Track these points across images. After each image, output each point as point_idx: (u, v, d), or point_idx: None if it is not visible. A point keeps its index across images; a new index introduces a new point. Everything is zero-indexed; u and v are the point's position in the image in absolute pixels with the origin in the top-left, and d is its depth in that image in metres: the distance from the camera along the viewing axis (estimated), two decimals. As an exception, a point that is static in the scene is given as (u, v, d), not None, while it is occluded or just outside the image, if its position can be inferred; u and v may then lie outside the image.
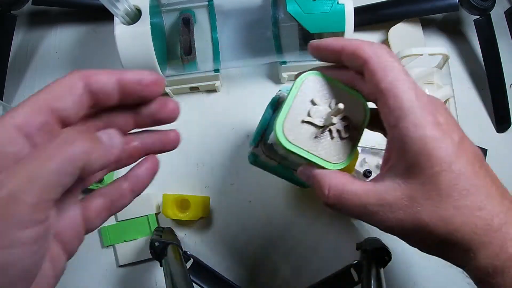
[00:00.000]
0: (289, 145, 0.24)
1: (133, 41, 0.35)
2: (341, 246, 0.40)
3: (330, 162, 0.25)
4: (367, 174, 0.37)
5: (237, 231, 0.40)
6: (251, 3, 0.40)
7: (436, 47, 0.41)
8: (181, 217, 0.38)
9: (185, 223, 0.40)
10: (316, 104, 0.25)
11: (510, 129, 0.44)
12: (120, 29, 0.35)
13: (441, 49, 0.41)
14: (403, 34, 0.46)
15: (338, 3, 0.35)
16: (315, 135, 0.25)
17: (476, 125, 0.45)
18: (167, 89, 0.41)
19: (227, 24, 0.39)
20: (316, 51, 0.26)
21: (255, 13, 0.40)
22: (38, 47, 0.46)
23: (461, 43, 0.48)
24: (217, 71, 0.41)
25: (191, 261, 0.36)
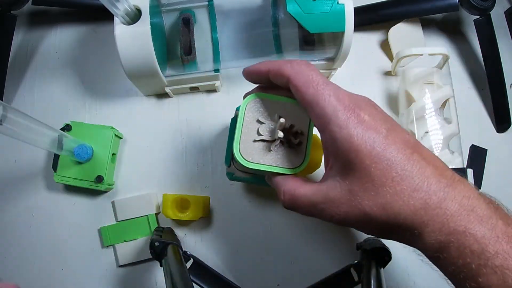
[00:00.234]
0: (249, 164, 0.27)
1: (133, 41, 0.35)
2: (341, 246, 0.40)
3: (288, 168, 0.28)
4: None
5: (237, 231, 0.40)
6: (251, 3, 0.40)
7: (436, 47, 0.41)
8: (181, 217, 0.38)
9: (185, 223, 0.40)
10: (262, 122, 0.28)
11: (510, 129, 0.44)
12: (120, 29, 0.35)
13: (441, 49, 0.41)
14: (403, 34, 0.46)
15: (338, 3, 0.35)
16: (270, 149, 0.28)
17: (476, 125, 0.45)
18: (167, 89, 0.41)
19: (227, 24, 0.39)
20: (248, 75, 0.29)
21: (255, 13, 0.40)
22: (38, 47, 0.46)
23: (461, 43, 0.48)
24: (217, 71, 0.41)
25: (191, 261, 0.36)
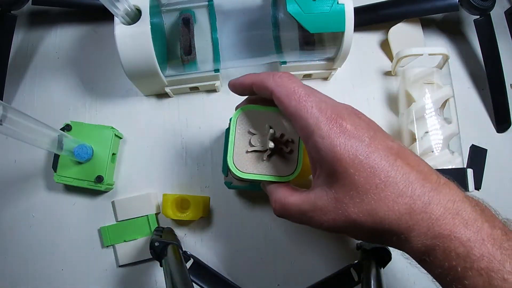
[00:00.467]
0: (243, 174, 0.28)
1: (133, 41, 0.35)
2: (341, 246, 0.40)
3: (281, 176, 0.28)
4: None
5: (237, 231, 0.40)
6: (251, 3, 0.40)
7: (436, 47, 0.41)
8: (181, 217, 0.38)
9: (185, 223, 0.40)
10: (253, 133, 0.29)
11: (510, 129, 0.44)
12: (120, 29, 0.35)
13: (441, 49, 0.41)
14: (403, 34, 0.46)
15: (338, 3, 0.35)
16: (262, 158, 0.28)
17: (476, 125, 0.45)
18: (167, 89, 0.41)
19: (227, 24, 0.39)
20: (234, 88, 0.30)
21: (255, 13, 0.40)
22: (38, 47, 0.46)
23: (461, 43, 0.48)
24: (217, 71, 0.41)
25: (191, 261, 0.36)
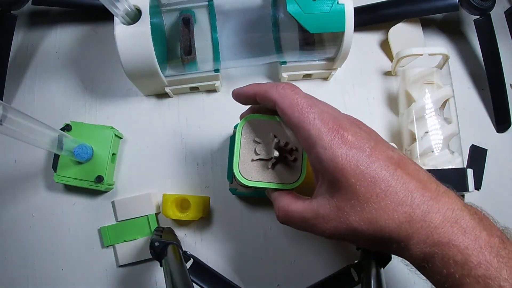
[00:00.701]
0: (249, 182, 0.29)
1: (133, 41, 0.35)
2: (341, 246, 0.40)
3: (286, 183, 0.29)
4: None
5: (237, 231, 0.40)
6: (251, 3, 0.40)
7: (436, 47, 0.41)
8: (181, 217, 0.38)
9: (185, 223, 0.40)
10: (258, 142, 0.29)
11: (510, 129, 0.44)
12: (120, 29, 0.35)
13: (441, 49, 0.41)
14: (403, 34, 0.46)
15: (338, 3, 0.35)
16: (267, 166, 0.29)
17: (476, 125, 0.45)
18: (167, 89, 0.41)
19: (227, 24, 0.39)
20: (237, 98, 0.30)
21: (255, 13, 0.40)
22: (38, 47, 0.46)
23: (461, 43, 0.48)
24: (217, 71, 0.41)
25: (191, 261, 0.36)
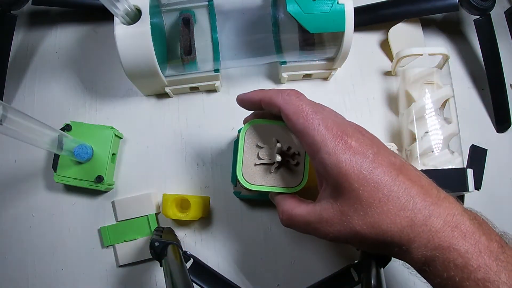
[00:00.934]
0: (252, 186, 0.29)
1: (133, 41, 0.35)
2: (341, 246, 0.40)
3: (288, 187, 0.29)
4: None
5: (237, 231, 0.40)
6: (251, 3, 0.40)
7: (436, 47, 0.41)
8: (181, 217, 0.38)
9: (185, 223, 0.40)
10: (261, 147, 0.30)
11: (510, 129, 0.44)
12: (120, 29, 0.35)
13: (441, 49, 0.41)
14: (403, 34, 0.46)
15: (338, 3, 0.35)
16: (270, 170, 0.30)
17: (476, 125, 0.45)
18: (167, 89, 0.41)
19: (227, 24, 0.39)
20: (242, 103, 0.31)
21: (255, 13, 0.40)
22: (38, 47, 0.46)
23: (461, 43, 0.48)
24: (217, 71, 0.41)
25: (191, 261, 0.36)
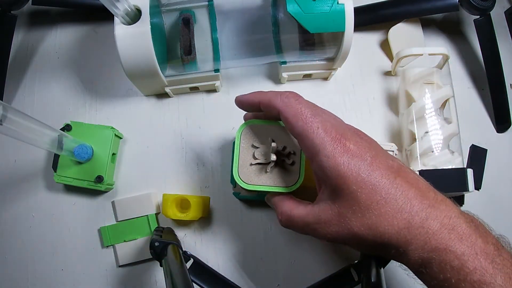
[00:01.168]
0: (248, 186, 0.30)
1: (133, 41, 0.35)
2: (341, 246, 0.40)
3: (284, 186, 0.30)
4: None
5: (237, 231, 0.40)
6: (251, 3, 0.40)
7: (436, 47, 0.41)
8: (181, 217, 0.38)
9: (185, 223, 0.40)
10: (257, 147, 0.30)
11: (510, 129, 0.44)
12: (120, 29, 0.35)
13: (441, 49, 0.41)
14: (403, 34, 0.46)
15: (338, 3, 0.35)
16: (266, 170, 0.30)
17: (476, 125, 0.45)
18: (167, 89, 0.41)
19: (227, 24, 0.39)
20: (240, 105, 0.31)
21: (255, 13, 0.40)
22: (38, 47, 0.46)
23: (461, 43, 0.48)
24: (217, 71, 0.41)
25: (191, 261, 0.36)
